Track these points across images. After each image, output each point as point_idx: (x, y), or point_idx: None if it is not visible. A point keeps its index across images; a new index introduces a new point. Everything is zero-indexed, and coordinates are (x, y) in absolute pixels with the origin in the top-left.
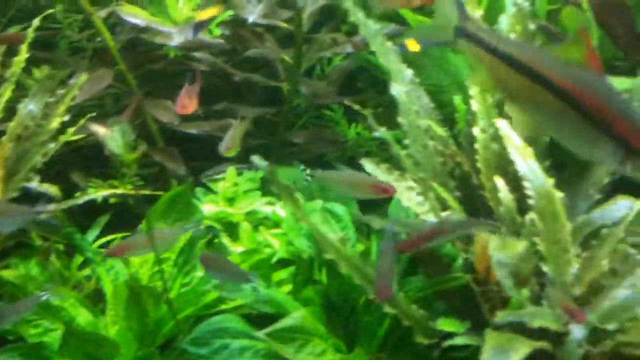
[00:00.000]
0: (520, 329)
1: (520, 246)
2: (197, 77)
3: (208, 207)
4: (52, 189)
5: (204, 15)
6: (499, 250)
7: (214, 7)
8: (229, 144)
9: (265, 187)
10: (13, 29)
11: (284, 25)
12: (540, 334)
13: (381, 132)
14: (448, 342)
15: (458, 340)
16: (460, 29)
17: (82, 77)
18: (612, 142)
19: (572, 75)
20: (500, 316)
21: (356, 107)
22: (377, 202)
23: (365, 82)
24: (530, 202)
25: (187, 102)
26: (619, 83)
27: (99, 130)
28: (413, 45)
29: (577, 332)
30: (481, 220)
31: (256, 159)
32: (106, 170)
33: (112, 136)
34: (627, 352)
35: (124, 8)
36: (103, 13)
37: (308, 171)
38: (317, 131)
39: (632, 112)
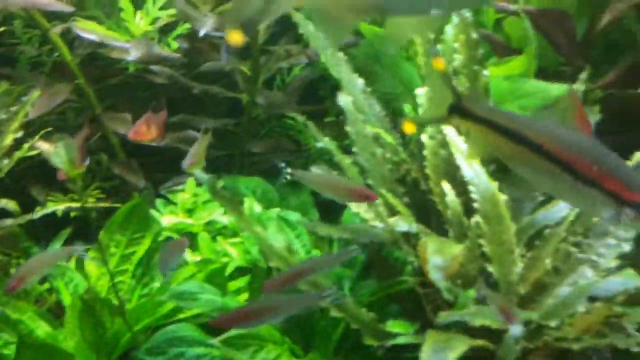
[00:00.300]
0: (464, 328)
1: (457, 249)
2: (163, 107)
3: (168, 219)
4: (10, 204)
5: None
6: (435, 254)
7: None
8: (192, 160)
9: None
10: None
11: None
12: (483, 332)
13: (324, 141)
14: (391, 342)
15: (400, 340)
16: (455, 107)
17: (35, 94)
18: (604, 198)
19: (564, 141)
20: (442, 317)
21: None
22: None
23: (327, 91)
24: (476, 205)
25: (144, 130)
26: (555, 89)
27: (43, 146)
28: (410, 128)
29: (515, 329)
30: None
31: (198, 172)
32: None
33: (56, 152)
34: (562, 346)
35: (79, 24)
36: (58, 29)
37: (289, 170)
38: (276, 141)
39: (621, 169)
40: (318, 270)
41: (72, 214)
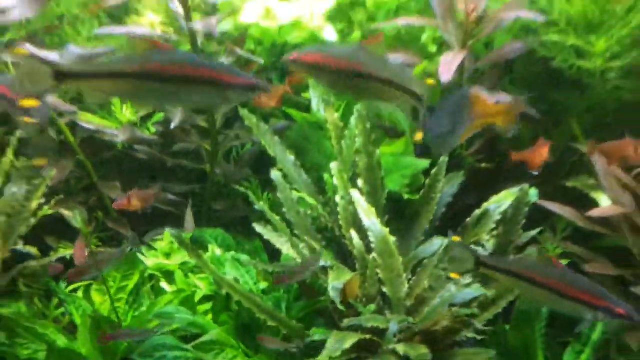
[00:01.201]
0: (361, 330)
1: (349, 276)
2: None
3: (151, 260)
4: (32, 250)
5: None
6: (334, 280)
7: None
8: (191, 225)
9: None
10: None
11: (203, 124)
12: (374, 330)
13: (259, 205)
14: (309, 339)
15: (316, 337)
16: (480, 261)
17: (52, 172)
18: (584, 305)
19: (551, 275)
20: (345, 322)
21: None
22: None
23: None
24: (373, 245)
25: (128, 203)
26: (422, 163)
27: (64, 212)
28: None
29: (393, 326)
30: None
31: (171, 229)
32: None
33: (74, 216)
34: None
35: (81, 116)
36: (65, 120)
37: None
38: (233, 201)
39: (589, 286)
40: None
41: None
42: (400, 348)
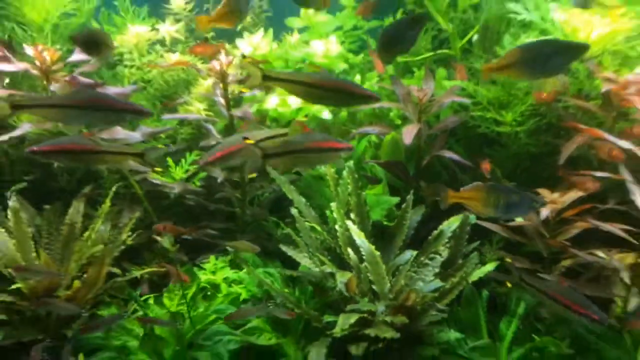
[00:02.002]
0: (359, 312)
1: (349, 275)
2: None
3: (203, 277)
4: (116, 270)
5: None
6: (340, 277)
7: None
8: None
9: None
10: None
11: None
12: (369, 313)
13: (285, 231)
14: (326, 320)
15: (329, 319)
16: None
17: (133, 219)
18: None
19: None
20: (348, 307)
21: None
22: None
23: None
24: (364, 257)
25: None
26: (394, 199)
27: (157, 237)
28: None
29: (381, 308)
30: None
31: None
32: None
33: (163, 240)
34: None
35: (150, 174)
36: (138, 177)
37: None
38: (257, 234)
39: (581, 300)
40: None
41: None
42: (388, 319)
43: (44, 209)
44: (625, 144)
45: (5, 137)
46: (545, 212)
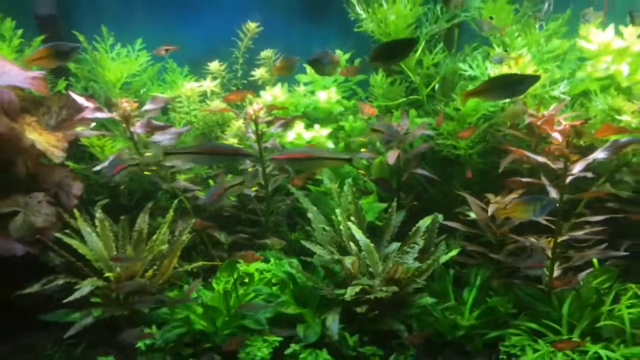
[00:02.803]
0: (362, 284)
1: (352, 259)
2: None
3: (241, 268)
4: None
5: None
6: (347, 260)
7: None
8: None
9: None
10: None
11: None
12: (368, 285)
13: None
14: (337, 292)
15: (339, 292)
16: None
17: (192, 220)
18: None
19: None
20: (353, 282)
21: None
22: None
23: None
24: (362, 248)
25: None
26: (383, 205)
27: (214, 233)
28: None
29: (376, 282)
30: None
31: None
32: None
33: (220, 236)
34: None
35: (197, 192)
36: (189, 194)
37: None
38: (276, 236)
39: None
40: None
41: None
42: (383, 288)
43: (120, 220)
44: (541, 158)
45: (99, 167)
46: (491, 210)
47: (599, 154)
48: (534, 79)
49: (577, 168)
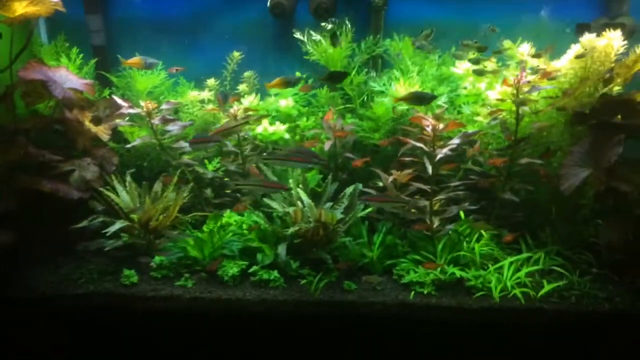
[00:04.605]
0: (300, 225)
1: (294, 209)
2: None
3: (223, 220)
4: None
5: None
6: (291, 209)
7: None
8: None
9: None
10: None
11: (241, 170)
12: (306, 228)
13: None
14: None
15: (288, 232)
16: None
17: (190, 185)
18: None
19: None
20: (295, 226)
21: None
22: None
23: None
24: (305, 205)
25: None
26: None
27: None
28: None
29: (312, 225)
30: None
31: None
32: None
33: (207, 192)
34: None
35: (195, 167)
36: (189, 169)
37: None
38: (250, 198)
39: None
40: None
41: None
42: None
43: (142, 186)
44: (419, 144)
45: (129, 146)
46: (390, 179)
47: (455, 140)
48: (434, 97)
49: (443, 151)
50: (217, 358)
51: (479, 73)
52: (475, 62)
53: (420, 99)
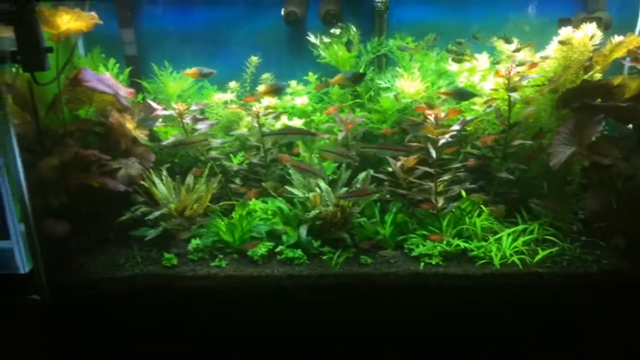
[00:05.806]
0: (320, 209)
1: (314, 194)
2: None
3: (250, 206)
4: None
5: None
6: (311, 195)
7: None
8: (270, 185)
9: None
10: None
11: (261, 161)
12: (326, 211)
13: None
14: (309, 215)
15: (311, 215)
16: None
17: (219, 177)
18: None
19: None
20: (315, 209)
21: None
22: None
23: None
24: (324, 190)
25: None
26: None
27: (234, 186)
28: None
29: (331, 208)
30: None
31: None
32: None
33: (235, 185)
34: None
35: (222, 161)
36: (217, 163)
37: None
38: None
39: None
40: None
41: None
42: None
43: (176, 179)
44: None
45: (165, 142)
46: (398, 165)
47: (455, 127)
48: (474, 94)
49: (445, 137)
50: (252, 327)
51: (458, 61)
52: (458, 60)
53: (460, 94)
